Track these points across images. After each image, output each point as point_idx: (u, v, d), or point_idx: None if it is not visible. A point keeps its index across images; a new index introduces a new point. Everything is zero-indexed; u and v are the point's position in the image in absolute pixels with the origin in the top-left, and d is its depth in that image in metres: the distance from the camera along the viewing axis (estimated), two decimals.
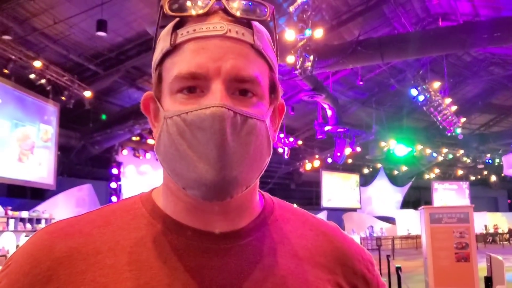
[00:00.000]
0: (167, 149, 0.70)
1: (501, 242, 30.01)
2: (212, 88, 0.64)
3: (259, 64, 0.68)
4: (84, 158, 18.23)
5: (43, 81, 13.23)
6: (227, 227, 0.75)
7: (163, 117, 0.69)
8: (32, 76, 12.93)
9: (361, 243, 23.90)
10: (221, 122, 0.62)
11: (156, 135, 0.73)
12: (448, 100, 20.30)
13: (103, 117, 16.93)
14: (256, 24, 0.70)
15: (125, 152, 19.37)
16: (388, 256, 11.00)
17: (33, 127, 14.15)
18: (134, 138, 19.14)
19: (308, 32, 11.49)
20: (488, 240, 29.07)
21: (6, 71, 12.46)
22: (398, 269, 7.45)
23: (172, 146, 0.68)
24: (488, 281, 5.59)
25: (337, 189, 32.57)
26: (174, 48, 0.68)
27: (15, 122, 13.45)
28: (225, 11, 0.67)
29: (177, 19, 0.69)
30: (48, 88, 13.66)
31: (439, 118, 20.71)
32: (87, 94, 14.51)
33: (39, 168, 14.42)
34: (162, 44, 0.72)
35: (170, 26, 0.71)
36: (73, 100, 14.41)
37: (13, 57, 12.22)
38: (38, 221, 13.87)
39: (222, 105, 0.63)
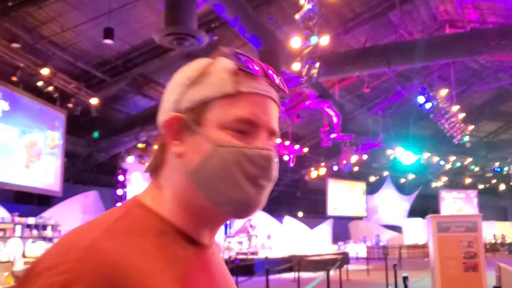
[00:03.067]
0: (216, 171, 0.79)
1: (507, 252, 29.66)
2: (261, 134, 0.83)
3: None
4: (90, 165, 18.27)
5: (50, 88, 13.30)
6: (209, 240, 0.88)
7: (213, 144, 0.79)
8: (40, 83, 13.02)
9: (367, 251, 23.74)
10: (272, 161, 0.84)
11: (194, 156, 0.80)
12: (455, 108, 20.22)
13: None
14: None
15: (130, 159, 19.40)
16: (395, 265, 10.90)
17: (41, 134, 14.21)
18: (139, 145, 19.17)
19: (314, 39, 11.49)
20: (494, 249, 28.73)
21: (14, 78, 12.55)
22: (405, 278, 7.37)
23: (224, 170, 0.79)
24: None
25: (343, 197, 32.41)
26: (236, 93, 0.81)
27: (23, 129, 13.51)
28: (270, 78, 0.86)
29: (235, 67, 0.82)
30: (56, 95, 13.74)
31: (447, 126, 20.62)
32: (94, 101, 14.57)
33: (46, 174, 14.47)
34: (219, 83, 0.81)
35: (225, 70, 0.82)
36: (80, 107, 14.48)
37: (21, 64, 12.31)
38: (45, 227, 13.90)
39: (271, 149, 0.84)
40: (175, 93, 0.85)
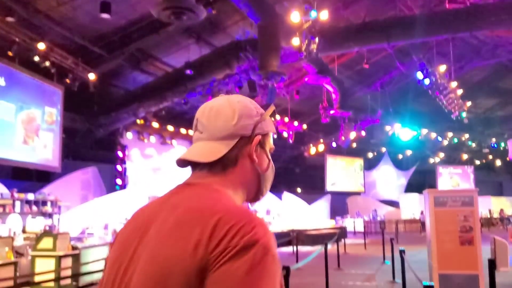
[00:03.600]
0: (270, 176, 1.23)
1: (505, 226, 29.98)
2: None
3: None
4: (89, 141, 18.28)
5: (47, 63, 13.20)
6: None
7: (269, 161, 1.22)
8: (36, 58, 12.91)
9: (364, 226, 23.93)
10: None
11: (264, 163, 1.20)
12: (454, 84, 20.16)
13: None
14: None
15: (129, 135, 19.41)
16: (391, 239, 11.05)
17: (38, 110, 14.16)
18: (138, 121, 19.15)
19: (313, 14, 11.39)
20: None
21: (10, 53, 12.43)
22: (402, 252, 7.49)
23: (271, 176, 1.24)
24: (492, 263, 5.59)
25: (341, 173, 32.61)
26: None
27: (20, 105, 13.46)
28: None
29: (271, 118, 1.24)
30: (53, 70, 13.64)
31: (445, 102, 20.58)
32: (91, 76, 14.49)
33: (45, 150, 14.48)
34: (270, 125, 1.22)
35: (269, 116, 1.23)
36: (77, 83, 14.40)
37: (16, 39, 12.19)
38: (44, 203, 13.96)
39: None
40: (251, 119, 1.16)
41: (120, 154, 18.91)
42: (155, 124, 20.01)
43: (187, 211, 0.98)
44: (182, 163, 1.22)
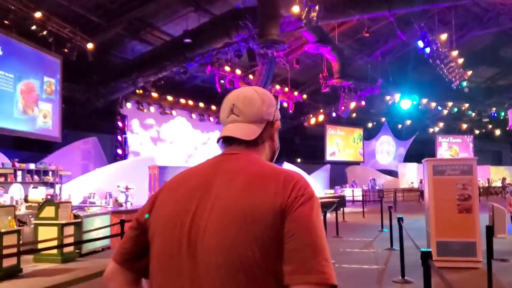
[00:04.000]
0: (277, 153, 1.56)
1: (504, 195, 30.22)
2: None
3: None
4: (89, 111, 18.24)
5: (44, 32, 13.05)
6: None
7: (278, 142, 1.56)
8: (34, 27, 12.76)
9: (363, 195, 24.11)
10: None
11: (277, 143, 1.56)
12: (455, 53, 20.01)
13: None
14: None
15: (129, 105, 19.37)
16: (390, 207, 11.16)
17: (37, 79, 14.09)
18: (137, 91, 19.09)
19: None
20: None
21: (6, 22, 12.28)
22: (399, 219, 7.58)
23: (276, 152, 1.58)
24: (490, 230, 5.67)
25: (341, 143, 32.71)
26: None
27: (18, 75, 13.38)
28: None
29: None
30: (50, 40, 13.49)
31: (445, 71, 20.46)
32: (90, 46, 14.36)
33: (44, 120, 14.47)
34: (277, 113, 1.51)
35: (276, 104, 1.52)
36: (75, 52, 14.27)
37: (12, 7, 12.02)
38: (45, 173, 14.05)
39: None
40: (273, 108, 1.48)
41: (120, 124, 18.91)
42: (155, 94, 19.95)
43: (256, 172, 1.30)
44: (223, 138, 1.43)
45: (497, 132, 36.21)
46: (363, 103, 25.55)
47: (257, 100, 1.42)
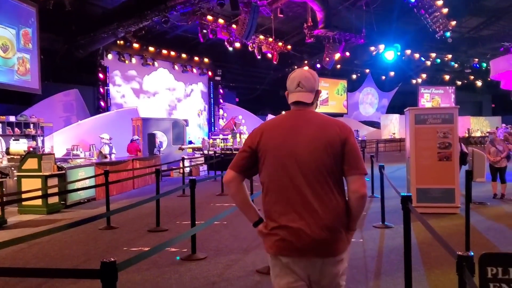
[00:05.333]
0: None
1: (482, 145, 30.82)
2: None
3: None
4: (69, 62, 17.84)
5: None
6: None
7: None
8: None
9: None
10: None
11: (317, 102, 2.49)
12: (439, 2, 19.84)
13: None
14: None
15: (110, 56, 18.99)
16: (372, 156, 11.33)
17: (12, 29, 13.66)
18: (118, 42, 18.67)
19: None
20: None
21: None
22: (381, 167, 7.72)
23: None
24: (469, 174, 5.81)
25: (325, 94, 32.73)
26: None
27: None
28: None
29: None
30: None
31: (430, 21, 20.35)
32: None
33: (23, 72, 14.14)
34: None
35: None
36: (52, 1, 13.80)
37: None
38: (26, 125, 13.88)
39: None
40: (318, 82, 2.48)
41: (101, 76, 18.59)
42: (136, 45, 19.55)
43: (323, 120, 2.35)
44: (295, 102, 2.42)
45: (479, 83, 36.49)
46: (347, 54, 25.40)
47: (311, 78, 2.44)
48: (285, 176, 2.24)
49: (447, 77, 36.23)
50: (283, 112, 2.69)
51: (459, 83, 37.15)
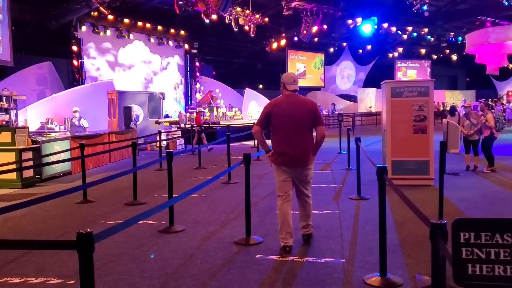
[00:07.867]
0: None
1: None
2: None
3: None
4: (42, 34, 17.35)
5: None
6: None
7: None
8: None
9: (324, 119, 24.61)
10: None
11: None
12: None
13: None
14: None
15: (84, 28, 18.55)
16: (348, 129, 11.42)
17: None
18: (92, 13, 18.22)
19: None
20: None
21: None
22: (357, 140, 7.80)
23: None
24: (443, 145, 5.92)
25: (302, 68, 32.68)
26: None
27: None
28: None
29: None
30: None
31: None
32: None
33: None
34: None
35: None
36: None
37: None
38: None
39: None
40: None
41: (75, 48, 18.17)
42: (110, 16, 19.11)
43: (306, 100, 4.80)
44: (293, 90, 4.77)
45: (454, 57, 36.85)
46: (325, 26, 25.32)
47: (297, 78, 4.84)
48: (286, 126, 4.59)
49: (423, 51, 36.48)
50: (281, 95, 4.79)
51: (435, 57, 37.47)
